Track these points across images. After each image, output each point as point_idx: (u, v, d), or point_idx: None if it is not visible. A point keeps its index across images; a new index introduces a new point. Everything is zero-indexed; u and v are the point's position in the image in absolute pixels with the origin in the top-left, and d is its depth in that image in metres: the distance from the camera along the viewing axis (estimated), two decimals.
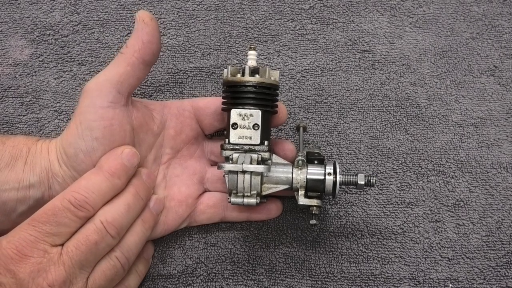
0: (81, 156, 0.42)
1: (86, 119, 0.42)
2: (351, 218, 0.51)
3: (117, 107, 0.43)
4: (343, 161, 0.53)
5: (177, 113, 0.48)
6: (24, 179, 0.42)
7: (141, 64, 0.43)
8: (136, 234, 0.43)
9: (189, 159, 0.50)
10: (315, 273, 0.49)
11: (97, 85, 0.43)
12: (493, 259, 0.49)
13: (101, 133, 0.42)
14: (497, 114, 0.55)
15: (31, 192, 0.43)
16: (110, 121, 0.42)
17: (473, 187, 0.52)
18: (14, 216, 0.43)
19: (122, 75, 0.43)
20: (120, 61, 0.43)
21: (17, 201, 0.42)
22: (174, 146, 0.49)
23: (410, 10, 0.59)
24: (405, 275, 0.49)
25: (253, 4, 0.60)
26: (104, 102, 0.42)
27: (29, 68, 0.57)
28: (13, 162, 0.43)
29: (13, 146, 0.44)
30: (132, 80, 0.43)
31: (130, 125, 0.44)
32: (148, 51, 0.43)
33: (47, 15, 0.59)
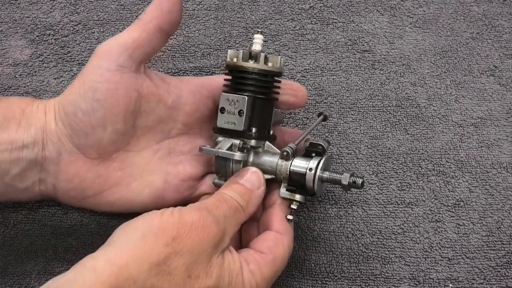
0: (80, 115, 0.41)
1: (91, 79, 0.41)
2: (351, 218, 0.51)
3: (126, 72, 0.42)
4: (343, 161, 0.53)
5: (195, 90, 0.47)
6: (17, 140, 0.41)
7: (158, 33, 0.42)
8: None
9: (200, 137, 0.48)
10: (315, 273, 0.49)
11: (108, 47, 0.42)
12: (493, 259, 0.49)
13: (103, 95, 0.41)
14: (497, 114, 0.55)
15: (24, 153, 0.42)
16: (116, 84, 0.41)
17: (473, 187, 0.52)
18: (7, 179, 0.42)
19: (137, 41, 0.42)
20: (136, 26, 0.42)
21: (10, 163, 0.41)
22: (187, 123, 0.47)
23: (410, 10, 0.59)
24: (405, 275, 0.49)
25: (253, 4, 0.60)
26: (112, 64, 0.41)
27: (29, 68, 0.57)
28: (6, 124, 0.42)
29: (5, 108, 0.42)
30: (147, 48, 0.42)
31: (137, 92, 0.43)
32: (167, 19, 0.42)
33: (47, 15, 0.59)
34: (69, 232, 0.51)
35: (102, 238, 0.51)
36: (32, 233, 0.51)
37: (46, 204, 0.51)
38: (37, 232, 0.51)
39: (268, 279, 0.40)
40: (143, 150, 0.46)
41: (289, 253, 0.42)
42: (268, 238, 0.42)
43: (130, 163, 0.45)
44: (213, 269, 0.37)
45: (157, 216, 0.37)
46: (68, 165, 0.43)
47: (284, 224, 0.43)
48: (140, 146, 0.46)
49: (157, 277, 0.34)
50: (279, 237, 0.42)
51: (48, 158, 0.42)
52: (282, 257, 0.41)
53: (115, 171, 0.45)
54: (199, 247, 0.36)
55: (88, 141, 0.42)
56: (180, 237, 0.36)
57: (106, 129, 0.42)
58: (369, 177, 0.53)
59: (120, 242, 0.36)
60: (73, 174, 0.43)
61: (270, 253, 0.40)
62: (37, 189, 0.44)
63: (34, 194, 0.44)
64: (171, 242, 0.35)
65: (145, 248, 0.35)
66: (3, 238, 0.50)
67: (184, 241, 0.36)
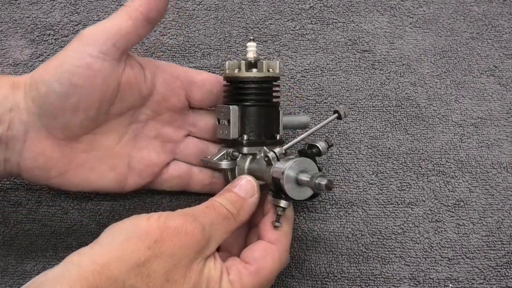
0: (52, 98, 0.40)
1: (70, 62, 0.40)
2: (351, 218, 0.51)
3: (107, 59, 0.41)
4: (343, 161, 0.53)
5: (169, 80, 0.46)
6: None
7: (145, 21, 0.42)
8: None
9: (168, 126, 0.48)
10: (315, 273, 0.49)
11: (93, 32, 0.41)
12: (493, 259, 0.49)
13: (81, 81, 0.40)
14: (497, 114, 0.55)
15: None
16: (95, 72, 0.40)
17: (473, 187, 0.52)
18: None
19: (122, 29, 0.41)
20: (122, 13, 0.41)
21: None
22: (156, 110, 0.47)
23: (410, 10, 0.59)
24: (405, 275, 0.49)
25: (253, 4, 0.60)
26: (95, 51, 0.40)
27: (29, 68, 0.57)
28: None
29: None
30: (132, 36, 0.42)
31: (116, 81, 0.42)
32: (154, 7, 0.41)
33: (47, 15, 0.59)
34: (69, 232, 0.51)
35: None
36: (32, 233, 0.51)
37: (46, 204, 0.51)
38: (37, 232, 0.51)
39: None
40: (110, 133, 0.45)
41: (280, 264, 0.41)
42: (257, 248, 0.41)
43: (96, 146, 0.45)
44: (192, 275, 0.37)
45: (143, 219, 0.37)
46: (34, 143, 0.42)
47: (276, 234, 0.42)
48: (108, 129, 0.45)
49: (136, 278, 0.35)
50: (269, 247, 0.41)
51: (14, 137, 0.41)
52: (269, 270, 0.40)
53: (81, 152, 0.44)
54: (180, 252, 0.36)
55: (56, 123, 0.42)
56: (162, 241, 0.36)
57: (77, 114, 0.41)
58: (369, 177, 0.53)
59: (106, 241, 0.36)
60: (38, 153, 0.42)
61: (255, 264, 0.40)
62: (1, 168, 0.42)
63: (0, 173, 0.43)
64: (153, 245, 0.35)
65: (128, 249, 0.35)
66: (3, 238, 0.50)
67: (166, 245, 0.36)
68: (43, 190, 0.52)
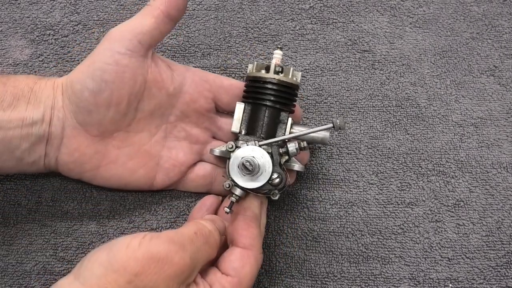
0: (86, 94, 0.43)
1: (101, 60, 0.43)
2: (351, 218, 0.51)
3: (134, 56, 0.44)
4: (343, 161, 0.53)
5: (198, 82, 0.48)
6: (27, 117, 0.43)
7: (166, 18, 0.44)
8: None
9: (196, 127, 0.50)
10: (315, 273, 0.49)
11: (120, 31, 0.44)
12: (493, 259, 0.49)
13: (111, 77, 0.43)
14: (497, 114, 0.55)
15: (33, 129, 0.43)
16: (124, 68, 0.43)
17: (473, 187, 0.52)
18: (18, 153, 0.44)
19: (145, 26, 0.44)
20: (145, 12, 0.44)
21: (20, 139, 0.43)
22: (184, 111, 0.49)
23: (410, 10, 0.59)
24: (405, 275, 0.49)
25: (253, 4, 0.60)
26: (122, 48, 0.43)
27: (29, 68, 0.57)
28: (16, 102, 0.43)
29: (14, 87, 0.44)
30: (155, 33, 0.44)
31: (143, 77, 0.45)
32: (174, 5, 0.44)
33: (47, 15, 0.59)
34: (69, 232, 0.51)
35: (102, 238, 0.51)
36: (32, 233, 0.51)
37: (46, 204, 0.51)
38: (37, 232, 0.51)
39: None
40: (142, 132, 0.48)
41: (257, 268, 0.41)
42: (235, 258, 0.41)
43: (129, 143, 0.47)
44: None
45: (123, 248, 0.36)
46: (70, 139, 0.45)
47: (251, 238, 0.42)
48: (139, 128, 0.48)
49: None
50: (245, 254, 0.41)
51: (53, 133, 0.44)
52: (249, 277, 0.40)
53: (114, 149, 0.47)
54: (164, 283, 0.35)
55: (91, 119, 0.45)
56: (144, 274, 0.35)
57: (110, 109, 0.44)
58: (369, 177, 0.53)
59: (85, 276, 0.36)
60: (74, 148, 0.45)
61: (236, 276, 0.40)
62: (42, 162, 0.46)
63: (40, 167, 0.46)
64: (133, 279, 0.35)
65: (107, 285, 0.34)
66: (3, 238, 0.50)
67: (148, 277, 0.35)
68: (43, 190, 0.52)
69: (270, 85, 0.45)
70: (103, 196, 0.52)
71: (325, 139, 0.46)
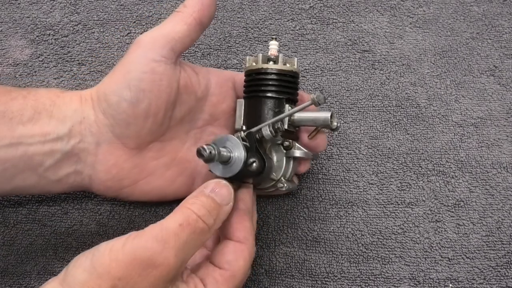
0: (124, 106, 0.41)
1: (137, 69, 0.41)
2: (351, 218, 0.51)
3: (168, 63, 0.42)
4: (343, 161, 0.53)
5: (221, 82, 0.48)
6: (50, 132, 0.41)
7: (198, 25, 0.44)
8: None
9: (226, 129, 0.49)
10: (315, 273, 0.49)
11: (151, 38, 0.42)
12: (493, 259, 0.49)
13: (149, 86, 0.41)
14: (497, 114, 0.55)
15: (58, 145, 0.41)
16: (160, 76, 0.42)
17: (473, 187, 0.52)
18: (41, 171, 0.42)
19: (178, 33, 0.43)
20: (177, 19, 0.43)
21: (43, 155, 0.41)
22: (213, 113, 0.48)
23: (410, 10, 0.59)
24: (405, 275, 0.49)
25: (253, 4, 0.60)
26: (157, 55, 0.42)
27: (29, 68, 0.57)
28: (37, 116, 0.41)
29: (35, 100, 0.42)
30: (187, 40, 0.43)
31: (177, 83, 0.44)
32: (206, 13, 0.44)
33: (47, 15, 0.59)
34: (69, 232, 0.51)
35: (102, 238, 0.51)
36: (32, 233, 0.51)
37: (46, 204, 0.51)
38: (37, 232, 0.51)
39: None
40: (174, 140, 0.47)
41: (250, 262, 0.40)
42: (228, 250, 0.40)
43: (164, 152, 0.46)
44: None
45: (106, 253, 0.35)
46: (107, 155, 0.43)
47: (244, 232, 0.41)
48: (172, 136, 0.46)
49: None
50: (239, 248, 0.40)
51: (86, 149, 0.42)
52: (242, 270, 0.39)
53: (151, 160, 0.45)
54: (149, 286, 0.34)
55: (129, 131, 0.43)
56: (128, 277, 0.34)
57: (148, 119, 0.43)
58: (369, 177, 0.53)
59: (69, 282, 0.34)
60: (112, 164, 0.43)
61: (230, 269, 0.39)
62: (70, 181, 0.43)
63: (67, 186, 0.44)
64: (117, 283, 0.34)
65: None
66: (3, 238, 0.50)
67: (133, 280, 0.34)
68: None
69: (262, 75, 0.45)
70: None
71: (326, 120, 0.43)
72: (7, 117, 0.40)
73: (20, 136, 0.40)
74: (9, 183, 0.41)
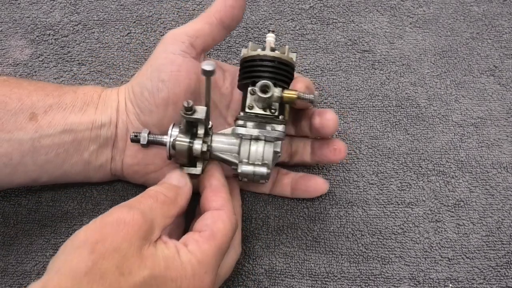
0: (146, 95, 0.45)
1: (157, 62, 0.45)
2: (351, 218, 0.51)
3: (187, 57, 0.45)
4: (343, 161, 0.53)
5: None
6: (96, 119, 0.46)
7: (219, 25, 0.46)
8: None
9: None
10: (315, 273, 0.49)
11: (173, 34, 0.46)
12: (493, 259, 0.49)
13: (167, 76, 0.45)
14: (497, 114, 0.55)
15: (102, 131, 0.46)
16: (178, 67, 0.45)
17: (473, 187, 0.52)
18: (86, 155, 0.46)
19: (199, 31, 0.46)
20: (201, 18, 0.47)
21: (90, 140, 0.46)
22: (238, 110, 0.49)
23: (410, 10, 0.59)
24: (405, 275, 0.49)
25: (253, 4, 0.60)
26: (176, 49, 0.45)
27: (29, 68, 0.57)
28: (85, 107, 0.46)
29: (84, 94, 0.47)
30: (208, 38, 0.46)
31: (196, 76, 0.46)
32: (229, 14, 0.46)
33: (47, 15, 0.59)
34: (69, 232, 0.51)
35: None
36: (32, 233, 0.51)
37: (46, 204, 0.51)
38: (37, 232, 0.51)
39: (211, 254, 0.39)
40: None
41: (231, 225, 0.41)
42: (206, 217, 0.42)
43: None
44: (146, 260, 0.36)
45: (81, 229, 0.37)
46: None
47: (220, 200, 0.43)
48: None
49: (90, 285, 0.34)
50: (216, 213, 0.42)
51: (119, 135, 0.47)
52: (222, 231, 0.41)
53: None
54: (125, 243, 0.36)
55: (152, 119, 0.46)
56: (104, 239, 0.36)
57: (168, 107, 0.45)
58: (369, 177, 0.53)
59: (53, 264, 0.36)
60: (137, 149, 0.47)
61: (208, 229, 0.40)
62: (109, 167, 0.48)
63: (106, 173, 0.48)
64: (95, 247, 0.35)
65: (71, 263, 0.35)
66: (3, 238, 0.50)
67: (108, 241, 0.36)
68: (43, 190, 0.52)
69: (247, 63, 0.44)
70: (103, 196, 0.52)
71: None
72: (61, 108, 0.46)
73: (72, 123, 0.45)
74: (59, 168, 0.46)
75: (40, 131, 0.44)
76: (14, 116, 0.44)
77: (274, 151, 0.44)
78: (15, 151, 0.44)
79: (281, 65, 0.44)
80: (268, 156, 0.44)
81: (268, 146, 0.44)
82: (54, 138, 0.45)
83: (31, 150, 0.44)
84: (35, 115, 0.45)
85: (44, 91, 0.46)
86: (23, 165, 0.45)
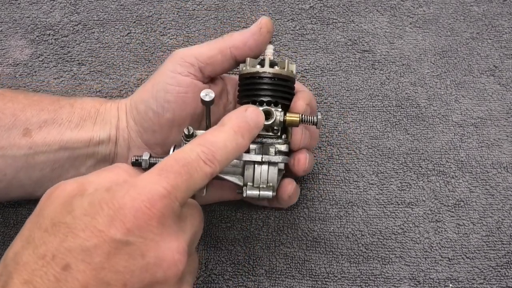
0: (150, 114, 0.44)
1: (164, 81, 0.44)
2: (351, 218, 0.51)
3: (195, 79, 0.44)
4: (343, 161, 0.53)
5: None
6: (94, 136, 0.45)
7: (232, 60, 0.45)
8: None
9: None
10: (315, 273, 0.49)
11: (183, 54, 0.44)
12: (493, 259, 0.49)
13: (174, 97, 0.43)
14: (497, 114, 0.55)
15: (100, 148, 0.45)
16: (186, 89, 0.43)
17: (473, 187, 0.52)
18: (83, 170, 0.45)
19: (211, 58, 0.44)
20: (216, 45, 0.44)
21: (87, 156, 0.45)
22: None
23: (410, 10, 0.59)
24: (405, 275, 0.49)
25: (253, 4, 0.60)
26: (184, 71, 0.44)
27: (29, 68, 0.57)
28: (82, 123, 0.45)
29: (81, 108, 0.46)
30: (218, 67, 0.45)
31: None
32: (244, 54, 0.44)
33: (47, 15, 0.59)
34: None
35: None
36: None
37: None
38: None
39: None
40: None
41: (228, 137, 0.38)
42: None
43: None
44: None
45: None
46: None
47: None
48: None
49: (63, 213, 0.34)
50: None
51: (119, 153, 0.46)
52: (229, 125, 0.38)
53: None
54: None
55: (156, 139, 0.45)
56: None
57: (173, 129, 0.44)
58: (369, 177, 0.53)
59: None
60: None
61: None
62: None
63: None
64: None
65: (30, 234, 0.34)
66: (3, 238, 0.50)
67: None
68: None
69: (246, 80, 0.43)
70: None
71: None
72: (56, 124, 0.45)
73: (68, 140, 0.44)
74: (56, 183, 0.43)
75: (34, 148, 0.44)
76: (7, 132, 0.43)
77: (279, 169, 0.43)
78: (9, 167, 0.43)
79: (281, 81, 0.43)
80: (273, 178, 0.43)
81: (272, 168, 0.43)
82: (49, 155, 0.44)
83: (25, 166, 0.44)
84: (29, 131, 0.44)
85: (39, 105, 0.45)
86: (17, 180, 0.44)
